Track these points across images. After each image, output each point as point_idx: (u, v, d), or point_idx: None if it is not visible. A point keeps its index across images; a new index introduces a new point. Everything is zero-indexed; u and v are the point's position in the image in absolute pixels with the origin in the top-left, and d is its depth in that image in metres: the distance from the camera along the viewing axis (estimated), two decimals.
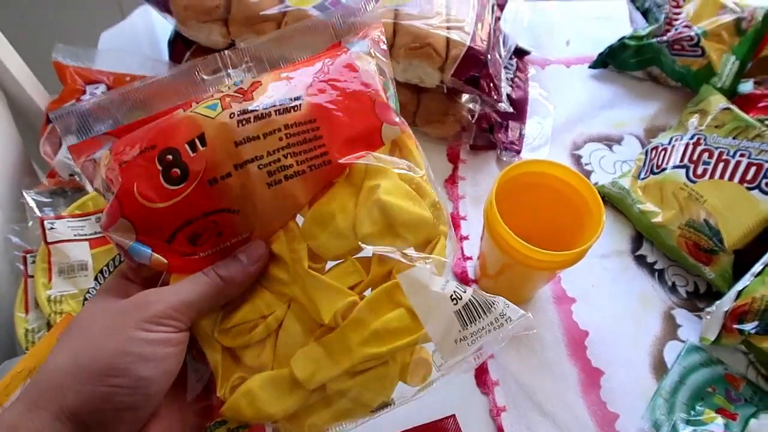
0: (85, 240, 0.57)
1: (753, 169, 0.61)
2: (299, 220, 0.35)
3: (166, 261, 0.33)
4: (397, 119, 0.36)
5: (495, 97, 0.66)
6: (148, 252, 0.32)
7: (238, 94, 0.34)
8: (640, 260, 0.65)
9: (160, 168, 0.32)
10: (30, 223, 0.59)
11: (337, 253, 0.35)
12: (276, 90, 0.34)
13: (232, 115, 0.33)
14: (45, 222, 0.55)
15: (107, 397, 0.28)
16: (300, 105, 0.33)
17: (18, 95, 0.70)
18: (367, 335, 0.34)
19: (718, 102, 0.66)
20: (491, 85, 0.65)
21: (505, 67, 0.75)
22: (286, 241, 0.35)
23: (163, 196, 0.32)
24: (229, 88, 0.35)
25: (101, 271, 0.56)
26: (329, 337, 0.34)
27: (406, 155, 0.37)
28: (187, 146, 0.32)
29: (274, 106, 0.33)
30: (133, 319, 0.30)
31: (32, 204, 0.59)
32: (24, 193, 0.59)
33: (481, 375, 0.56)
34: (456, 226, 0.66)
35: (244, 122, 0.33)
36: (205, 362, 0.35)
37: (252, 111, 0.33)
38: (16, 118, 0.70)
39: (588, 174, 0.71)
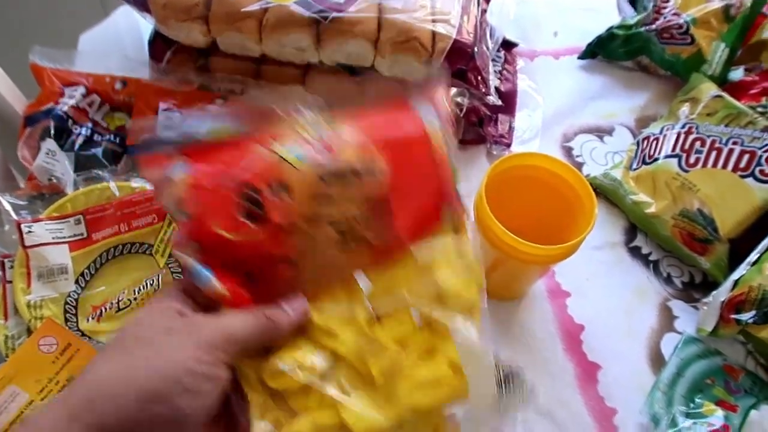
0: (65, 243, 0.55)
1: (746, 157, 0.60)
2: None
3: (226, 293, 0.34)
4: (458, 203, 0.38)
5: (483, 90, 0.64)
6: (210, 277, 0.33)
7: (323, 148, 0.35)
8: (635, 252, 0.64)
9: (240, 203, 0.34)
10: (6, 227, 0.57)
11: (394, 310, 0.37)
12: (357, 150, 0.35)
13: (317, 171, 0.34)
14: (22, 225, 0.54)
15: (143, 422, 0.28)
16: (379, 177, 0.35)
17: None
18: (414, 386, 0.35)
19: (708, 90, 0.66)
20: (479, 77, 0.64)
21: (493, 60, 0.74)
22: (346, 299, 0.36)
23: (238, 230, 0.33)
24: (307, 132, 0.36)
25: (82, 274, 0.55)
26: (378, 387, 0.35)
27: (460, 231, 0.38)
28: (270, 189, 0.34)
29: (357, 171, 0.35)
30: (189, 344, 0.30)
31: (8, 207, 0.57)
32: None
33: None
34: None
35: (328, 182, 0.34)
36: (242, 399, 0.34)
37: (336, 172, 0.34)
38: None
39: (579, 166, 0.70)
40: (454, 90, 0.67)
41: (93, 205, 0.57)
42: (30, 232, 0.54)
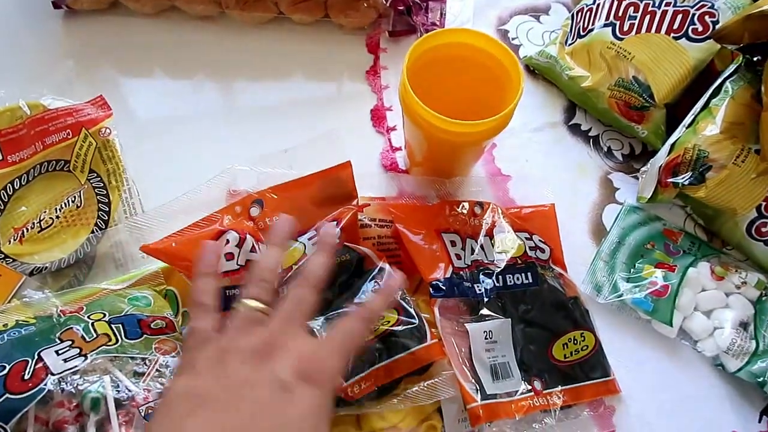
0: None
1: (679, 17, 0.58)
2: None
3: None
4: None
5: None
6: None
7: None
8: (574, 129, 0.63)
9: None
10: None
11: None
12: None
13: None
14: None
15: None
16: None
17: None
18: None
19: None
20: None
21: None
22: None
23: None
24: None
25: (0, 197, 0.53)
26: None
27: None
28: None
29: None
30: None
31: None
32: None
33: None
34: (382, 118, 0.63)
35: None
36: None
37: None
38: None
39: (516, 48, 0.68)
40: None
41: (5, 126, 0.54)
42: None
